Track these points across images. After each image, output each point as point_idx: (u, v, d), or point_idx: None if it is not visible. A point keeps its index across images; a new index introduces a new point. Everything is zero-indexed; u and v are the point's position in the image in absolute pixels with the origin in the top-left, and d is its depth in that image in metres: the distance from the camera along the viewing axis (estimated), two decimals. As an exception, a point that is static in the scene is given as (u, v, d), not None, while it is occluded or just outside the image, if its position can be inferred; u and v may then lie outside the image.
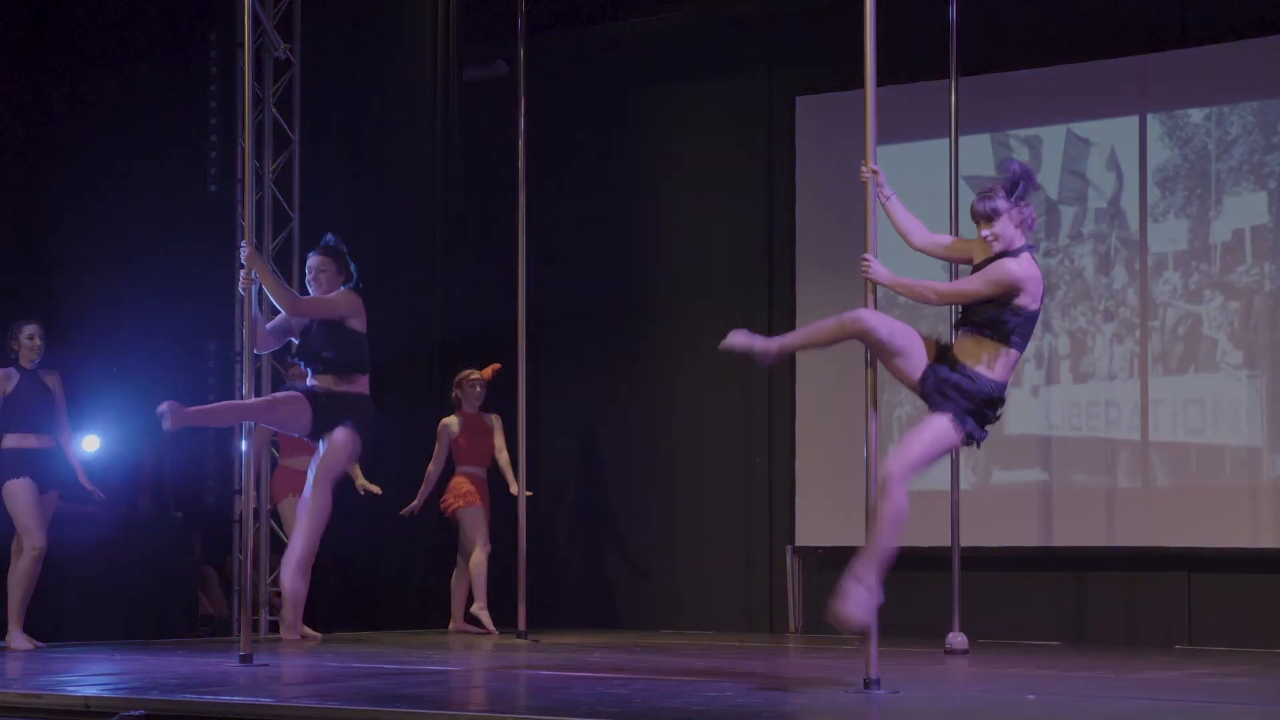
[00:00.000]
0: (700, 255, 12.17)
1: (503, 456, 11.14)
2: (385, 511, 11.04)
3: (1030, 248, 6.80)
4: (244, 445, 8.78)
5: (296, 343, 8.40)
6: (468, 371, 11.19)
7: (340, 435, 8.19)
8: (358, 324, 8.30)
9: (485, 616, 10.94)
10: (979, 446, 6.91)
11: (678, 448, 12.15)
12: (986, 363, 6.73)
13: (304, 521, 8.26)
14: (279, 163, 11.42)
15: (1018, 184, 6.77)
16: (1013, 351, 6.77)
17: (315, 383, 8.33)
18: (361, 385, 8.28)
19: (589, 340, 12.50)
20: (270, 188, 11.30)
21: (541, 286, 11.69)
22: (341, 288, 8.35)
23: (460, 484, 11.07)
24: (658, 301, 12.30)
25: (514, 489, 10.86)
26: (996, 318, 6.72)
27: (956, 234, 9.58)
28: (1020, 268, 6.72)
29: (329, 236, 8.58)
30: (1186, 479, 10.45)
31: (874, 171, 6.91)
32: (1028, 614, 10.84)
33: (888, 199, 6.96)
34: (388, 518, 11.14)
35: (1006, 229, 6.77)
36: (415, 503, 11.01)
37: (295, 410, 8.21)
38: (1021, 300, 6.72)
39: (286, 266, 11.33)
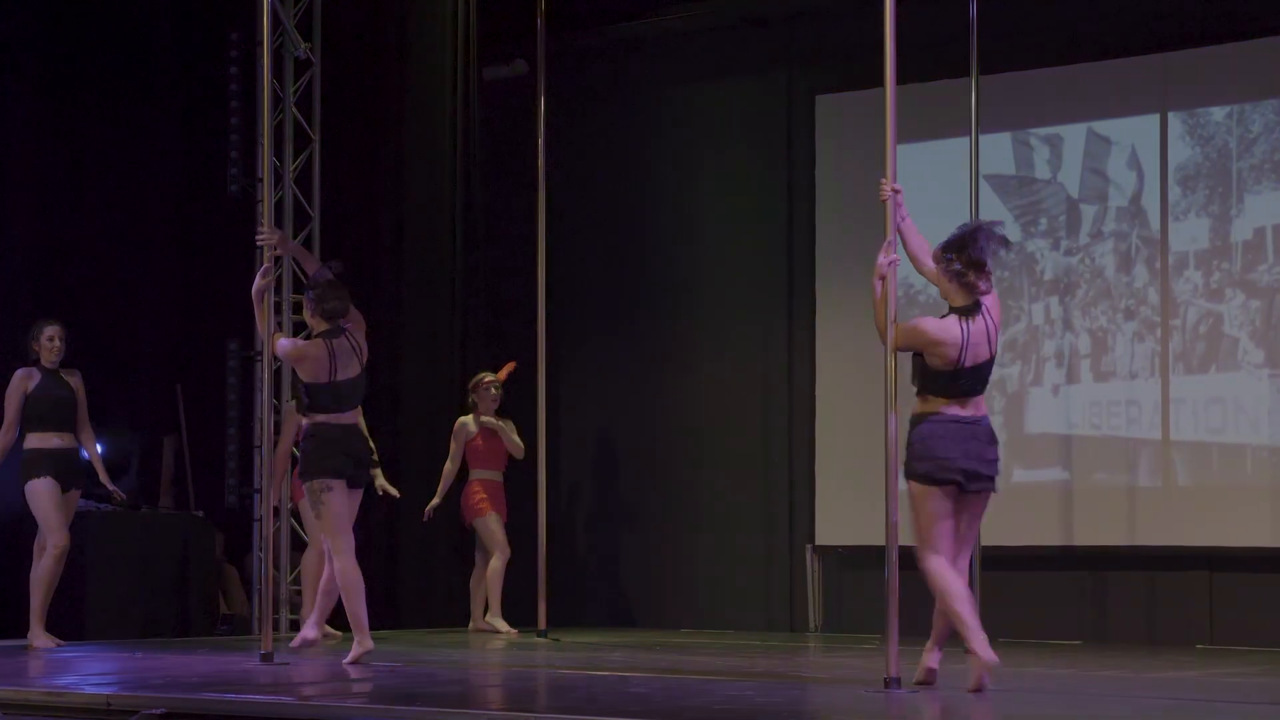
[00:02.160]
0: (720, 254, 12.15)
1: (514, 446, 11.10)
2: (404, 511, 11.05)
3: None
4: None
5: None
6: (482, 375, 11.12)
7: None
8: (302, 367, 8.36)
9: (499, 624, 10.91)
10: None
11: (697, 447, 12.13)
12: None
13: (320, 596, 8.42)
14: (299, 162, 11.44)
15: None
16: None
17: None
18: (312, 420, 8.35)
19: (609, 340, 12.50)
20: (290, 187, 11.32)
21: (562, 286, 11.69)
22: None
23: (474, 493, 11.01)
24: (677, 300, 12.29)
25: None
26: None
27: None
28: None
29: (322, 270, 8.58)
30: (1207, 478, 10.42)
31: (895, 190, 6.89)
32: (1048, 613, 10.82)
33: (903, 219, 6.94)
34: (407, 517, 11.14)
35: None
36: (435, 499, 10.97)
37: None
38: None
39: (306, 266, 11.36)
